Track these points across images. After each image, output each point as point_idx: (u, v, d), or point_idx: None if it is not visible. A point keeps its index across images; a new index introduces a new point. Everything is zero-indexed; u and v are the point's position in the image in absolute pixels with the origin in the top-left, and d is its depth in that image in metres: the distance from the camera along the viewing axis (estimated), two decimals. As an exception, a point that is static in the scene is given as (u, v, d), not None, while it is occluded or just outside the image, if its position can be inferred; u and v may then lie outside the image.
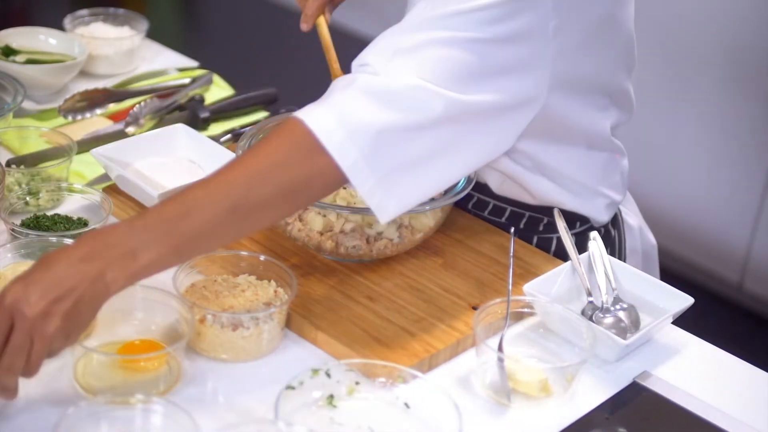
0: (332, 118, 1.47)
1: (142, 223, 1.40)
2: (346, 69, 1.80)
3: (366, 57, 1.56)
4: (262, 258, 1.64)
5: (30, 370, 1.35)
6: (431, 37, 1.53)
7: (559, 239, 1.86)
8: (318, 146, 1.46)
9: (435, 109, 1.51)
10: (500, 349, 1.55)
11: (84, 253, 1.37)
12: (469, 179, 1.74)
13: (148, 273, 1.40)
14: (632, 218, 2.02)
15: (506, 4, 1.55)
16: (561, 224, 1.76)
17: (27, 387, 1.47)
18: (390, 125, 1.49)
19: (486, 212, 1.91)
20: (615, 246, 1.96)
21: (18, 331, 1.32)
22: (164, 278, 1.70)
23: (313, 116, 1.47)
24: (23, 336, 1.32)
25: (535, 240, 1.90)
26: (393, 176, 1.50)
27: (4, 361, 1.33)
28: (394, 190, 1.51)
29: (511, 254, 1.72)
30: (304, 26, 1.85)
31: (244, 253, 1.66)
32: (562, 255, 1.81)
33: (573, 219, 1.88)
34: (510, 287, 1.65)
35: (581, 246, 1.76)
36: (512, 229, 1.76)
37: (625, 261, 1.95)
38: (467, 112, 1.55)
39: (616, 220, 1.96)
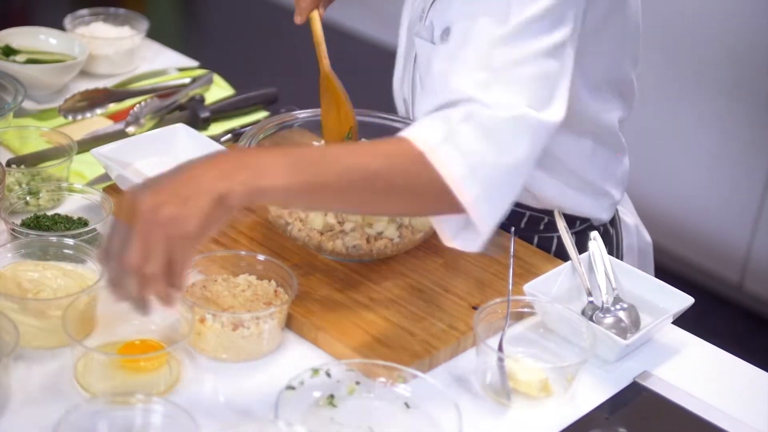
0: (458, 159, 1.47)
1: (280, 152, 1.44)
2: (337, 65, 1.82)
3: (460, 84, 1.51)
4: (261, 258, 1.65)
5: (177, 271, 1.36)
6: (514, 57, 1.51)
7: (559, 238, 1.86)
8: (443, 186, 1.47)
9: (540, 141, 1.52)
10: (500, 348, 1.55)
11: (213, 158, 1.40)
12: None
13: (271, 197, 1.43)
14: (629, 217, 2.02)
15: (559, 4, 1.54)
16: (561, 224, 1.76)
17: (27, 387, 1.48)
18: (504, 165, 1.49)
19: None
20: (613, 244, 1.96)
21: (139, 226, 1.33)
22: (164, 278, 1.70)
23: (437, 156, 1.47)
24: (144, 228, 1.33)
25: (535, 239, 1.90)
26: (501, 201, 1.52)
27: (136, 261, 1.34)
28: (499, 205, 1.52)
29: (512, 254, 1.72)
30: (298, 19, 1.85)
31: (243, 252, 1.66)
32: (562, 255, 1.81)
33: (573, 218, 1.88)
34: (510, 287, 1.65)
35: (581, 245, 1.76)
36: (512, 229, 1.76)
37: (622, 259, 1.96)
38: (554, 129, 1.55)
39: (613, 219, 1.97)
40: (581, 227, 1.89)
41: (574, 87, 1.62)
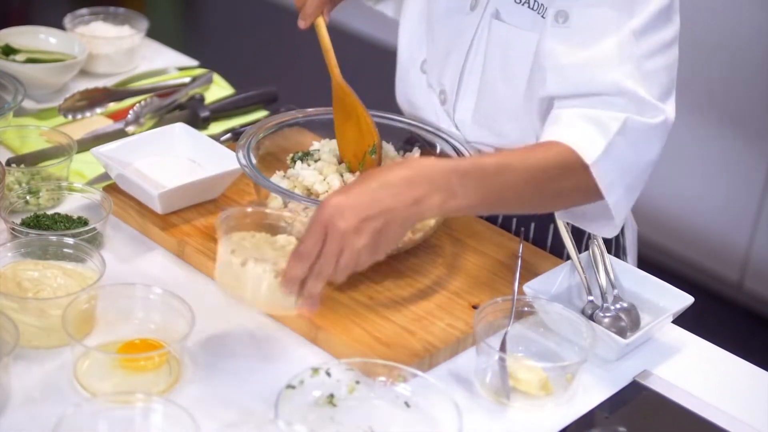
0: (611, 168, 1.63)
1: (462, 169, 1.52)
2: (346, 71, 1.81)
3: (606, 78, 1.64)
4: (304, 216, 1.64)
5: (336, 278, 1.47)
6: (646, 50, 1.65)
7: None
8: (598, 191, 1.64)
9: (665, 139, 1.70)
10: (503, 348, 1.55)
11: (406, 178, 1.48)
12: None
13: (455, 213, 1.53)
14: None
15: None
16: (561, 223, 1.76)
17: (27, 386, 1.48)
18: (643, 165, 1.67)
19: None
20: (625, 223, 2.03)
21: (330, 242, 1.44)
22: (163, 276, 1.70)
23: (598, 169, 1.61)
24: (334, 247, 1.44)
25: (551, 228, 1.94)
26: (635, 195, 1.69)
27: (316, 268, 1.46)
28: (632, 199, 1.70)
29: (520, 255, 1.73)
30: (302, 24, 1.84)
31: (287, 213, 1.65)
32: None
33: None
34: (516, 287, 1.65)
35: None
36: (522, 230, 1.78)
37: (626, 249, 1.99)
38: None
39: None
40: None
41: None
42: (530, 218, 1.94)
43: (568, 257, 1.80)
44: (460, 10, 1.85)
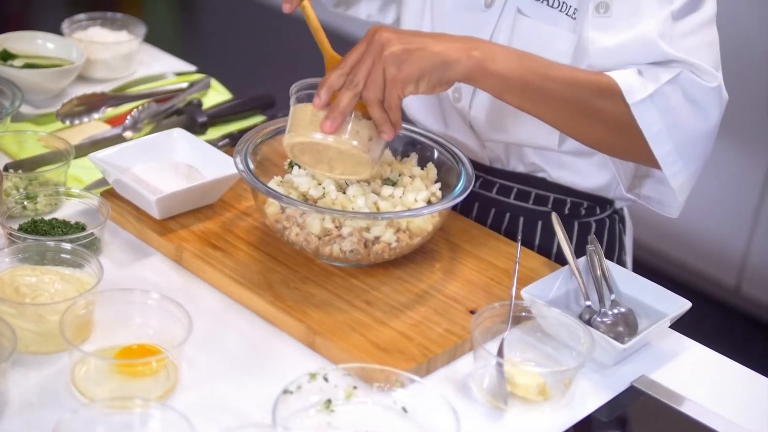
0: (656, 117, 1.67)
1: (510, 47, 1.67)
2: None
3: (663, 47, 1.68)
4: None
5: (367, 91, 1.59)
6: (690, 28, 1.70)
7: (598, 221, 2.00)
8: (642, 138, 1.69)
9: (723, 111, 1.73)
10: (501, 353, 1.55)
11: (457, 37, 1.62)
12: (465, 187, 1.74)
13: (488, 80, 1.62)
14: None
15: None
16: (557, 226, 1.76)
17: (25, 392, 1.48)
18: (699, 131, 1.71)
19: (530, 202, 2.00)
20: (625, 223, 2.09)
21: (368, 54, 1.58)
22: (161, 282, 1.70)
23: (639, 111, 1.66)
24: (370, 61, 1.57)
25: (576, 225, 1.98)
26: (694, 162, 1.73)
27: (350, 77, 1.59)
28: (691, 166, 1.73)
29: (517, 260, 1.73)
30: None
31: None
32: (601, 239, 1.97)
33: (603, 203, 1.99)
34: (514, 292, 1.65)
35: (602, 230, 1.90)
36: (519, 236, 1.80)
37: (625, 247, 2.05)
38: None
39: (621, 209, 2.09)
40: (607, 212, 2.01)
41: None
42: (533, 225, 1.95)
43: (598, 232, 1.84)
44: (473, 7, 1.87)
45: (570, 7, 1.80)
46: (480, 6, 1.87)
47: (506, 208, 2.00)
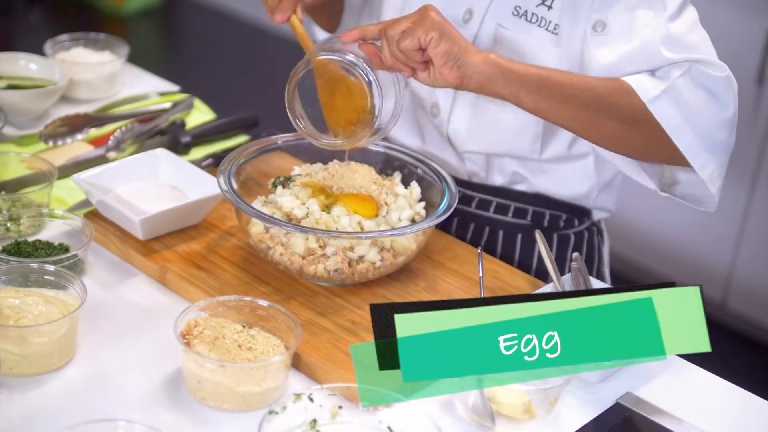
0: (673, 110, 1.71)
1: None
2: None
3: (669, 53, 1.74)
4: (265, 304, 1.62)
5: (390, 46, 1.68)
6: (687, 26, 1.76)
7: (577, 234, 2.01)
8: (663, 133, 1.72)
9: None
10: (483, 371, 1.55)
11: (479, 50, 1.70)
12: (448, 205, 1.74)
13: (505, 76, 1.68)
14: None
15: None
16: (541, 244, 1.76)
17: (9, 414, 1.47)
18: (720, 120, 1.75)
19: (509, 215, 2.01)
20: (603, 235, 2.11)
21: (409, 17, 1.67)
22: (145, 302, 1.69)
23: (656, 107, 1.70)
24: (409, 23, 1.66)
25: (555, 237, 2.00)
26: (720, 151, 1.80)
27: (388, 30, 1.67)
28: (719, 155, 1.80)
29: (481, 275, 1.73)
30: (279, 17, 1.84)
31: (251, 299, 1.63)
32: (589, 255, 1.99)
33: (582, 214, 2.02)
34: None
35: (581, 243, 1.92)
36: (480, 249, 1.79)
37: (604, 260, 2.09)
38: None
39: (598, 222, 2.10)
40: (585, 225, 2.03)
41: None
42: (513, 239, 1.95)
43: (576, 247, 1.85)
44: (451, 21, 1.87)
45: (550, 22, 1.81)
46: (458, 21, 1.87)
47: (485, 222, 2.00)
